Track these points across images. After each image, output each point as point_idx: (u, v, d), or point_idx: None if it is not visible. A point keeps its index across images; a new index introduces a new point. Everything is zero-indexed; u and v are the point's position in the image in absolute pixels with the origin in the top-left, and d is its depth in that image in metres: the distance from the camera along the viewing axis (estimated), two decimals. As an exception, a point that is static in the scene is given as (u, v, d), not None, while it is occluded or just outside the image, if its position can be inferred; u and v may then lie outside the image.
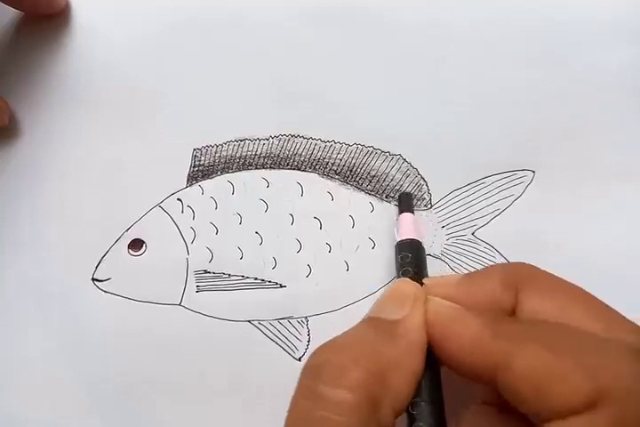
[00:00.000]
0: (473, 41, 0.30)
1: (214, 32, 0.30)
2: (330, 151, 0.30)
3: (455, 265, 0.29)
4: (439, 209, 0.29)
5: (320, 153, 0.30)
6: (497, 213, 0.29)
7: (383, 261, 0.29)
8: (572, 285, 0.21)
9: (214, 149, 0.30)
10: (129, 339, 0.28)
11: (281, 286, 0.29)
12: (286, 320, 0.28)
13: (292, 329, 0.28)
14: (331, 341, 0.20)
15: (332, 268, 0.29)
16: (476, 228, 0.29)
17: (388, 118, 0.30)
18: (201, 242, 0.29)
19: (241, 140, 0.30)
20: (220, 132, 0.30)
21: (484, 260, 0.29)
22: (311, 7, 0.31)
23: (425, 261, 0.26)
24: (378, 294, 0.28)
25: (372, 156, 0.30)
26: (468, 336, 0.20)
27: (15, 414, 0.28)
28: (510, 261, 0.28)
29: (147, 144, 0.30)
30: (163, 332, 0.28)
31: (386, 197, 0.29)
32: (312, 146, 0.30)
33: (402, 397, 0.19)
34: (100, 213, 0.29)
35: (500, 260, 0.29)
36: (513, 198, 0.29)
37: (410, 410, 0.20)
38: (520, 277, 0.22)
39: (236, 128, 0.30)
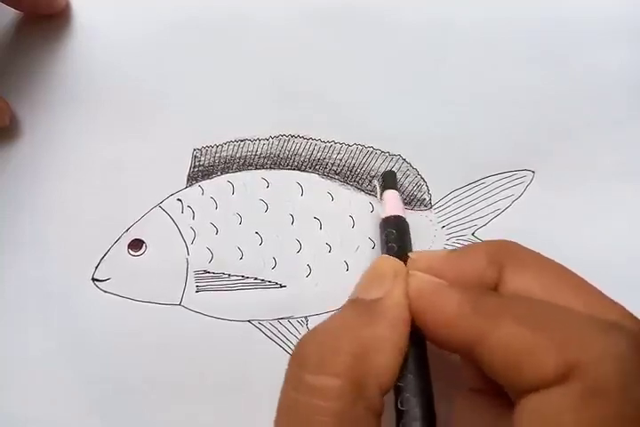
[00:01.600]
0: (473, 41, 0.30)
1: (214, 32, 0.31)
2: (330, 151, 0.30)
3: (455, 265, 0.29)
4: (439, 209, 0.30)
5: (320, 153, 0.30)
6: (497, 213, 0.29)
7: (383, 262, 0.29)
8: (556, 263, 0.22)
9: (214, 150, 0.30)
10: (129, 339, 0.28)
11: (281, 286, 0.29)
12: (286, 320, 0.29)
13: (292, 329, 0.28)
14: (313, 329, 0.21)
15: (331, 268, 0.29)
16: (476, 228, 0.29)
17: (388, 118, 0.30)
18: (201, 242, 0.29)
19: (241, 141, 0.30)
20: (220, 133, 0.30)
21: (484, 260, 0.29)
22: (311, 7, 0.31)
23: (409, 236, 0.26)
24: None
25: (372, 156, 0.30)
26: (448, 310, 0.20)
27: (15, 414, 0.28)
28: (511, 261, 0.29)
29: (147, 144, 0.30)
30: (163, 332, 0.28)
31: (386, 197, 0.30)
32: (312, 146, 0.30)
33: (388, 374, 0.20)
34: (100, 213, 0.29)
35: (500, 260, 0.29)
36: (513, 198, 0.29)
37: (397, 382, 0.21)
38: (505, 253, 0.22)
39: (235, 128, 0.30)
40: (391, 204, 0.27)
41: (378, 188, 0.29)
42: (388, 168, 0.30)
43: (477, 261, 0.22)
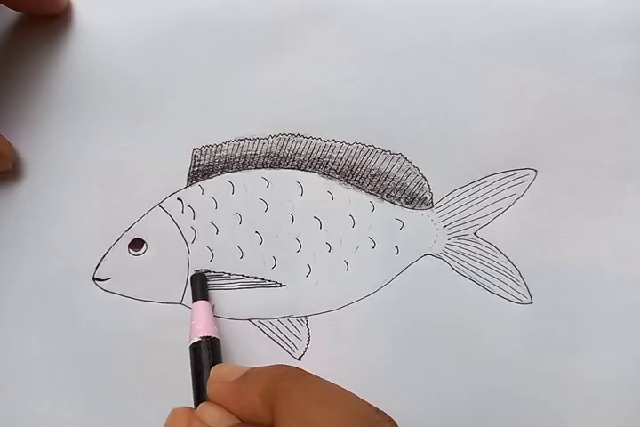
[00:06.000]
0: (474, 40, 0.31)
1: (214, 32, 0.32)
2: (330, 150, 0.31)
3: (457, 265, 0.30)
4: (441, 208, 0.31)
5: (320, 152, 0.31)
6: (499, 212, 0.30)
7: (383, 261, 0.30)
8: (330, 393, 0.21)
9: (214, 149, 0.31)
10: (129, 338, 0.29)
11: (281, 286, 0.30)
12: (286, 319, 0.30)
13: (292, 328, 0.29)
14: None
15: (331, 267, 0.30)
16: (477, 227, 0.30)
17: (388, 117, 0.31)
18: (201, 241, 0.30)
19: (241, 140, 0.31)
20: (219, 132, 0.31)
21: (485, 259, 0.30)
22: (311, 6, 0.32)
23: (220, 354, 0.27)
24: (377, 294, 0.30)
25: (372, 155, 0.31)
26: None
27: (15, 415, 0.29)
28: (512, 260, 0.30)
29: (147, 144, 0.31)
30: (163, 331, 0.29)
31: (387, 196, 0.31)
32: (312, 145, 0.31)
33: None
34: (101, 213, 0.30)
35: (502, 259, 0.30)
36: (515, 197, 0.30)
37: None
38: (276, 394, 0.21)
39: (235, 128, 0.31)
40: (203, 321, 0.28)
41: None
42: (389, 167, 0.31)
43: (253, 399, 0.22)
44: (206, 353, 0.26)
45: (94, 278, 0.30)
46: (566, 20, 0.31)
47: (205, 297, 0.29)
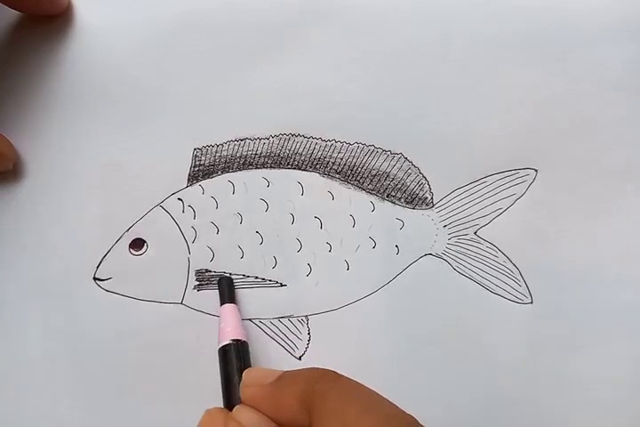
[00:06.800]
0: (474, 40, 0.32)
1: (214, 32, 0.32)
2: (330, 150, 0.31)
3: (457, 265, 0.30)
4: (441, 208, 0.31)
5: (320, 152, 0.31)
6: (499, 211, 0.31)
7: (383, 261, 0.30)
8: (366, 397, 0.21)
9: (215, 149, 0.31)
10: (129, 338, 0.30)
11: (281, 286, 0.30)
12: (287, 319, 0.30)
13: (293, 328, 0.30)
14: None
15: (332, 267, 0.30)
16: (478, 227, 0.31)
17: (388, 117, 0.31)
18: (202, 241, 0.30)
19: (241, 140, 0.31)
20: (220, 132, 0.31)
21: (486, 259, 0.30)
22: (311, 6, 0.32)
23: (249, 356, 0.27)
24: (378, 294, 0.30)
25: (372, 155, 0.31)
26: None
27: (15, 415, 0.29)
28: (513, 260, 0.30)
29: (147, 144, 0.31)
30: (164, 330, 0.29)
31: (387, 196, 0.31)
32: (312, 145, 0.31)
33: None
34: (101, 213, 0.31)
35: (502, 259, 0.30)
36: (515, 197, 0.31)
37: None
38: (313, 397, 0.21)
39: (236, 128, 0.31)
40: (232, 324, 0.28)
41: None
42: (389, 167, 0.31)
43: (290, 402, 0.22)
44: (236, 356, 0.27)
45: (95, 278, 0.30)
46: (566, 20, 0.32)
47: (233, 300, 0.29)
